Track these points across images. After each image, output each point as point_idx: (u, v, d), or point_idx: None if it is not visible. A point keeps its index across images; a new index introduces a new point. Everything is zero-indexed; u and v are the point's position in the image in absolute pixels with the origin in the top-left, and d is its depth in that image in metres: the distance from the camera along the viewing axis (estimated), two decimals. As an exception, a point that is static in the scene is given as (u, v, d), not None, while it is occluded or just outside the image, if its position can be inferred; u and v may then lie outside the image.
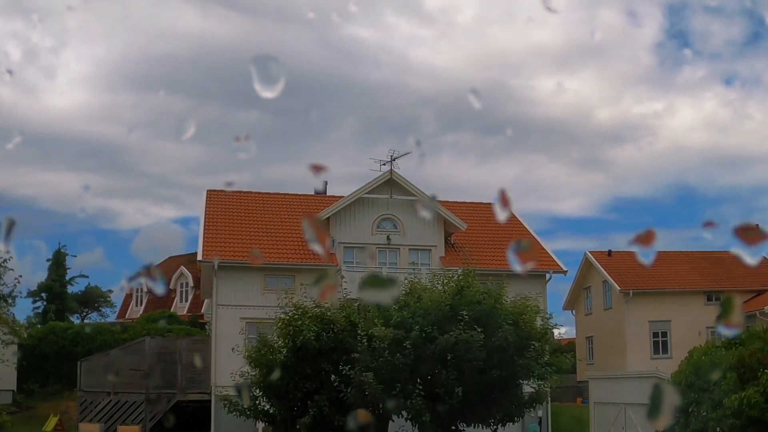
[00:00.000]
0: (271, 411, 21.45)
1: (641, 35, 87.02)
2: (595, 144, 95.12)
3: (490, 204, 35.07)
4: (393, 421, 20.42)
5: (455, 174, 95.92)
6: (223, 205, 35.12)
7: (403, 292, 20.30)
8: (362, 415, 3.66)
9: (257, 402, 21.44)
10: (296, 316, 20.93)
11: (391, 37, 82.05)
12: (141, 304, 55.92)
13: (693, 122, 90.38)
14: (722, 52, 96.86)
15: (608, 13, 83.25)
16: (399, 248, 33.47)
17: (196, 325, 46.42)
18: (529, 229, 36.13)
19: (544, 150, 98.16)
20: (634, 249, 2.48)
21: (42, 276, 56.64)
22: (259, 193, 37.46)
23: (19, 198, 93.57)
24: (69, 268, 57.00)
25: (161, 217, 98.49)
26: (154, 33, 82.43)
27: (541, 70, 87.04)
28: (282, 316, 21.36)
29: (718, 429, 13.96)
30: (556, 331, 22.63)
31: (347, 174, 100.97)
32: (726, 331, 2.40)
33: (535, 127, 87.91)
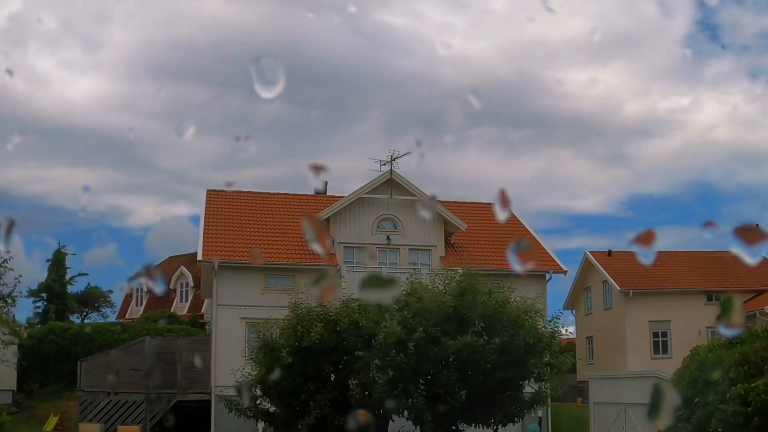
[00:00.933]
0: (271, 411, 21.44)
1: (673, 27, 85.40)
2: (621, 139, 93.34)
3: (490, 204, 35.07)
4: (393, 421, 20.42)
5: (479, 169, 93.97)
6: (223, 205, 35.12)
7: (404, 292, 20.29)
8: (362, 416, 3.66)
9: (258, 402, 21.43)
10: (302, 315, 20.90)
11: (423, 24, 79.31)
12: (141, 304, 55.92)
13: (718, 117, 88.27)
14: (751, 44, 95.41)
15: (642, 3, 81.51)
16: (399, 248, 33.47)
17: (196, 325, 46.42)
18: (529, 229, 36.13)
19: (570, 145, 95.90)
20: (634, 249, 2.48)
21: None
22: (259, 193, 37.46)
23: (30, 195, 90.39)
24: (69, 268, 57.04)
25: (174, 215, 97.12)
26: (174, 17, 78.62)
27: (573, 61, 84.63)
28: (290, 314, 21.29)
29: (722, 421, 13.94)
30: (563, 330, 22.56)
31: (368, 169, 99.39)
32: (726, 331, 2.40)
33: (563, 120, 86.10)
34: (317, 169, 2.76)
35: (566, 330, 22.88)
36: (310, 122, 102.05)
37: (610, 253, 44.15)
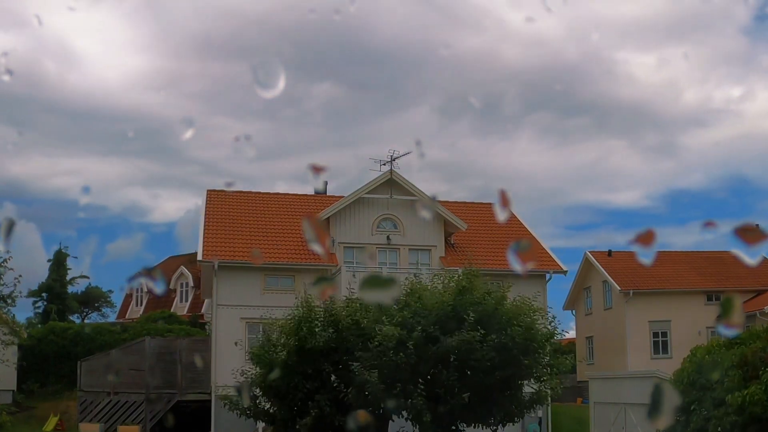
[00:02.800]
0: (271, 411, 21.44)
1: (737, 13, 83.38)
2: (674, 129, 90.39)
3: (490, 204, 35.07)
4: (393, 421, 20.42)
5: (526, 159, 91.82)
6: (223, 205, 35.12)
7: (404, 291, 20.30)
8: (362, 416, 3.67)
9: (258, 402, 21.43)
10: (306, 316, 20.88)
11: (494, -1, 74.97)
12: (141, 304, 55.92)
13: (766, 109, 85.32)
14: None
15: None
16: (399, 248, 33.47)
17: (196, 325, 46.43)
18: (529, 229, 36.13)
19: (624, 134, 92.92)
20: (634, 249, 2.48)
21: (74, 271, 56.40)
22: (259, 193, 37.49)
23: (53, 189, 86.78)
24: (70, 269, 57.06)
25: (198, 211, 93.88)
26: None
27: (640, 43, 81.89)
28: (294, 311, 21.27)
29: (719, 429, 13.95)
30: (560, 329, 22.52)
31: (416, 158, 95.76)
32: (726, 331, 2.40)
33: (621, 107, 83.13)
34: (317, 169, 2.76)
35: (563, 331, 22.76)
36: (362, 106, 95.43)
37: (610, 253, 44.15)
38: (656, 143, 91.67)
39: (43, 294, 55.58)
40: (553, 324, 21.81)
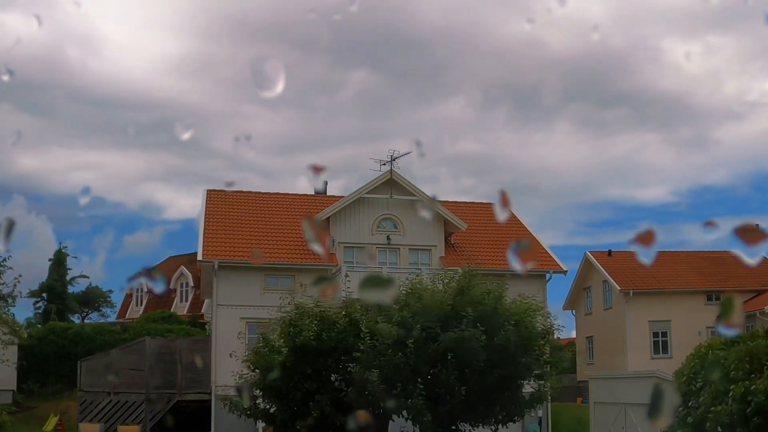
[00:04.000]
0: (271, 411, 21.45)
1: None
2: (709, 123, 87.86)
3: (490, 204, 35.08)
4: (393, 420, 20.42)
5: (559, 152, 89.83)
6: (223, 205, 35.12)
7: (404, 291, 20.30)
8: (362, 416, 3.67)
9: (257, 402, 21.44)
10: (297, 316, 20.92)
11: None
12: (141, 304, 55.92)
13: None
14: None
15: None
16: (399, 248, 33.47)
17: (196, 325, 46.43)
18: (529, 229, 36.14)
19: (661, 127, 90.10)
20: (634, 249, 2.48)
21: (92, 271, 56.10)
22: (259, 193, 37.49)
23: (71, 185, 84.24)
24: (70, 269, 57.08)
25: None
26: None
27: (682, 34, 78.98)
28: (283, 315, 21.34)
29: (719, 422, 13.92)
30: (558, 331, 22.53)
31: (452, 151, 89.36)
32: (726, 331, 2.40)
33: (660, 99, 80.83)
34: (317, 169, 2.76)
35: (560, 327, 22.74)
36: (398, 96, 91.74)
37: (610, 252, 44.17)
38: (690, 137, 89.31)
39: (44, 294, 55.60)
40: (550, 321, 21.85)
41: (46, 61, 69.83)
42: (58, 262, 55.56)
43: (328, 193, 36.98)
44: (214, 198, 35.45)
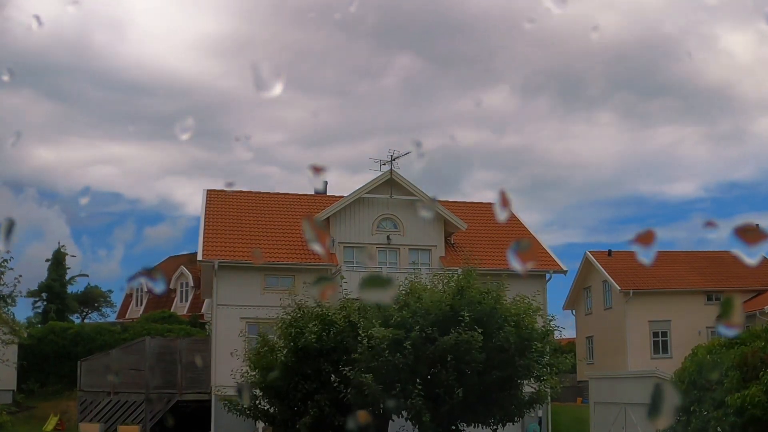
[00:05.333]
0: (271, 411, 21.45)
1: None
2: (749, 116, 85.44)
3: (490, 204, 35.07)
4: (393, 420, 20.42)
5: (597, 144, 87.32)
6: (223, 205, 35.12)
7: (404, 292, 20.29)
8: (362, 416, 3.66)
9: (257, 402, 21.44)
10: (298, 317, 20.92)
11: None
12: (141, 304, 55.93)
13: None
14: None
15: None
16: (399, 248, 33.46)
17: (196, 325, 46.43)
18: (529, 229, 36.14)
19: (703, 118, 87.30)
20: (634, 249, 2.48)
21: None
22: (259, 193, 37.48)
23: (89, 181, 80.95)
24: (69, 268, 57.09)
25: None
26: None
27: (734, 22, 77.42)
28: (284, 317, 21.35)
29: (719, 429, 13.95)
30: (557, 333, 22.51)
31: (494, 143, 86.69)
32: (726, 331, 2.40)
33: (706, 89, 78.60)
34: (317, 169, 2.76)
35: (560, 328, 22.72)
36: (440, 82, 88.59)
37: (610, 252, 44.18)
38: (729, 130, 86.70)
39: (43, 294, 55.59)
40: (550, 321, 21.83)
41: (72, 44, 67.79)
42: (57, 261, 55.55)
43: (328, 193, 36.98)
44: (214, 198, 35.45)
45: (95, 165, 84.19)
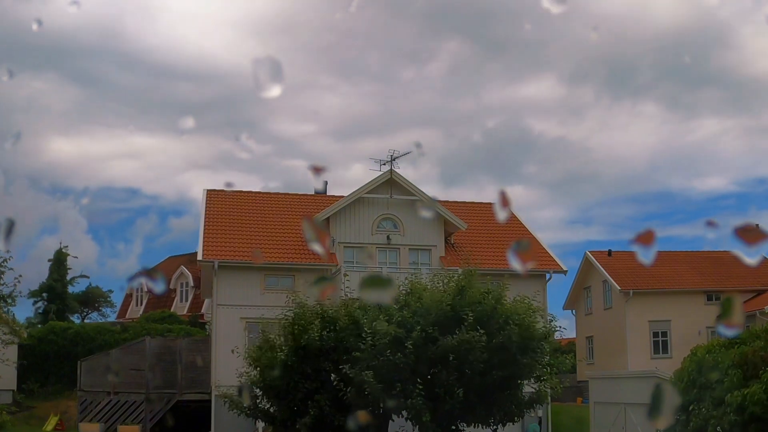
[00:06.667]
0: (271, 411, 21.45)
1: None
2: None
3: (490, 204, 35.09)
4: (393, 420, 20.42)
5: (639, 138, 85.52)
6: (223, 205, 35.12)
7: (404, 292, 20.29)
8: (362, 416, 3.67)
9: (257, 401, 21.44)
10: (300, 314, 20.91)
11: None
12: (141, 304, 55.94)
13: None
14: None
15: None
16: (399, 248, 33.46)
17: (196, 325, 46.45)
18: (529, 229, 36.15)
19: (747, 110, 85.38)
20: (635, 248, 2.48)
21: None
22: (259, 193, 37.49)
23: (109, 178, 79.06)
24: (70, 268, 57.06)
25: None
26: None
27: None
28: (287, 314, 21.33)
29: (719, 428, 13.95)
30: (558, 333, 22.52)
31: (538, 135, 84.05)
32: (726, 331, 2.40)
33: (754, 80, 77.02)
34: (317, 170, 2.76)
35: (561, 328, 22.73)
36: (489, 68, 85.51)
37: (610, 252, 44.18)
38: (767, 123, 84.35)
39: (44, 294, 55.58)
40: (551, 322, 21.84)
41: (100, 24, 65.70)
42: (58, 261, 55.55)
43: (328, 193, 36.99)
44: (214, 198, 35.46)
45: (115, 159, 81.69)
